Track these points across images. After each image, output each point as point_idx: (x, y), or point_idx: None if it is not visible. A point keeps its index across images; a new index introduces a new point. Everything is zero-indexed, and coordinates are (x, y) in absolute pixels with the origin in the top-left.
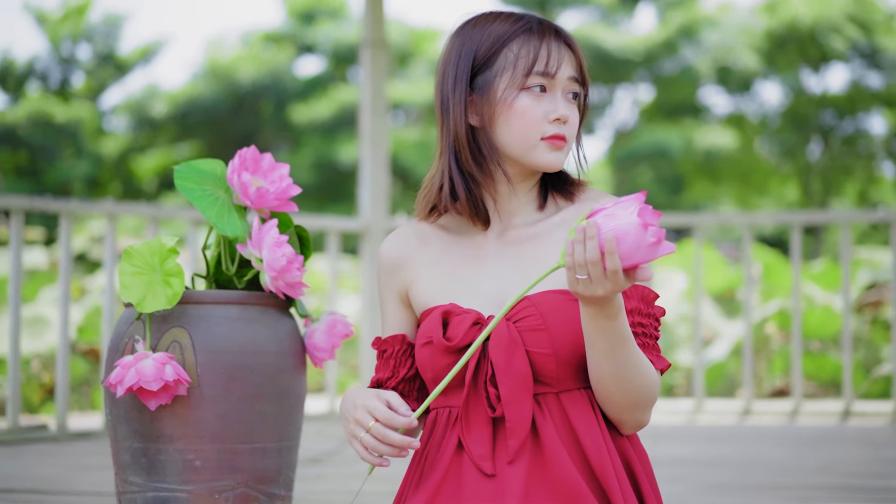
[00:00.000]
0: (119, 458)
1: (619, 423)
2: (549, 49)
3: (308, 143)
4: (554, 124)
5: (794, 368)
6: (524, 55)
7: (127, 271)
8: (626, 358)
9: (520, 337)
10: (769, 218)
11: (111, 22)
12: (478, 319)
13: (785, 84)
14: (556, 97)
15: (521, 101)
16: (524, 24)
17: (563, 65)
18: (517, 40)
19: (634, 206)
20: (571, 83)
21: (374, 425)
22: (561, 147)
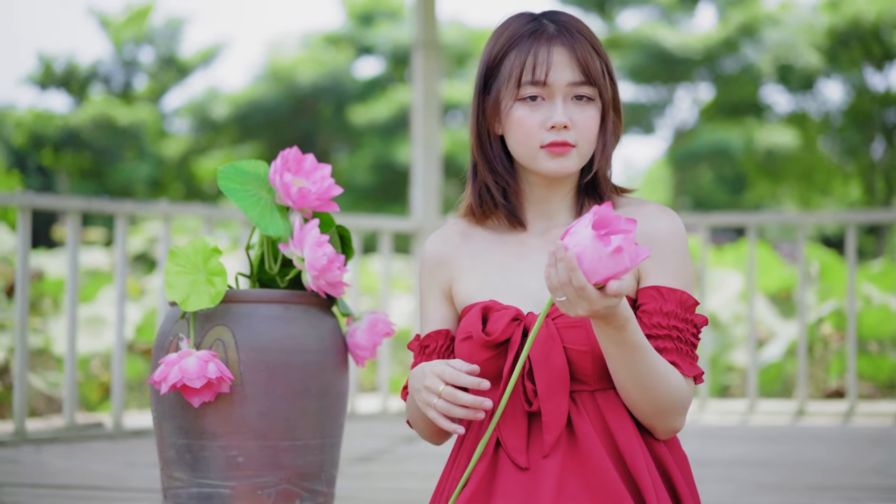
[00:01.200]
0: (164, 454)
1: (651, 429)
2: (537, 56)
3: (366, 144)
4: (551, 132)
5: (849, 369)
6: (517, 65)
7: (171, 270)
8: (644, 366)
9: (558, 333)
10: (823, 217)
11: (173, 25)
12: (517, 315)
13: (847, 82)
14: (554, 104)
15: (517, 111)
16: (531, 26)
17: (553, 70)
18: (515, 48)
19: (589, 219)
20: (573, 88)
21: (445, 388)
22: (562, 153)
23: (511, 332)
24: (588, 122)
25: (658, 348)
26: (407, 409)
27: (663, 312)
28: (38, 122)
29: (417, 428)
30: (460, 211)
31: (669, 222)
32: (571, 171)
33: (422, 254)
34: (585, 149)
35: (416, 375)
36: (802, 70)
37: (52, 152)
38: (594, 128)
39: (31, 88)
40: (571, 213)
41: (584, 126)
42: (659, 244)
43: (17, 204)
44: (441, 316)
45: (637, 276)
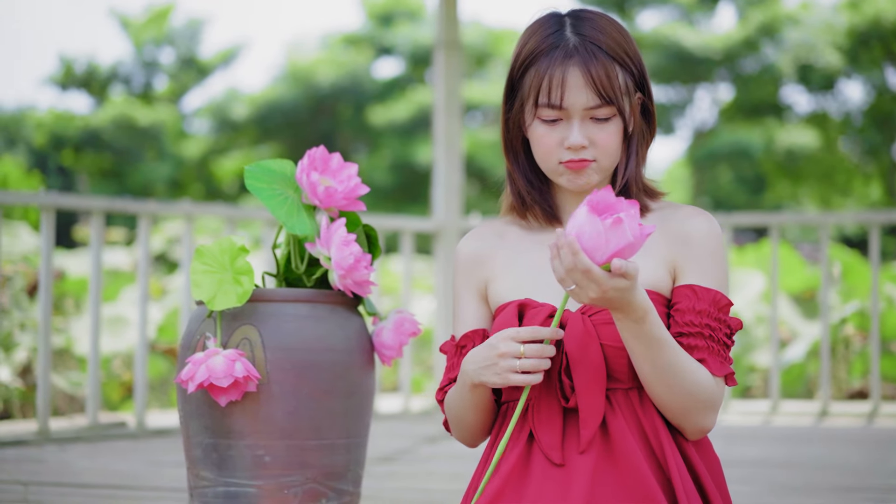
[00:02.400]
0: (191, 453)
1: (681, 429)
2: (551, 79)
3: (386, 145)
4: (569, 151)
5: (873, 370)
6: (535, 85)
7: (198, 270)
8: (666, 360)
9: (594, 329)
10: (846, 217)
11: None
12: (552, 313)
13: (868, 82)
14: (571, 125)
15: (537, 129)
16: (551, 41)
17: (568, 94)
18: (535, 65)
19: (586, 202)
20: (589, 111)
21: (526, 347)
22: (580, 169)
23: None
24: (608, 140)
25: (689, 346)
26: (448, 409)
27: (696, 311)
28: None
29: (460, 426)
30: (503, 209)
31: (705, 223)
32: (593, 185)
33: (456, 253)
34: (606, 163)
35: (481, 353)
36: (823, 70)
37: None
38: (614, 143)
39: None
40: None
41: (603, 144)
42: (694, 244)
43: (41, 204)
44: (477, 316)
45: (672, 276)
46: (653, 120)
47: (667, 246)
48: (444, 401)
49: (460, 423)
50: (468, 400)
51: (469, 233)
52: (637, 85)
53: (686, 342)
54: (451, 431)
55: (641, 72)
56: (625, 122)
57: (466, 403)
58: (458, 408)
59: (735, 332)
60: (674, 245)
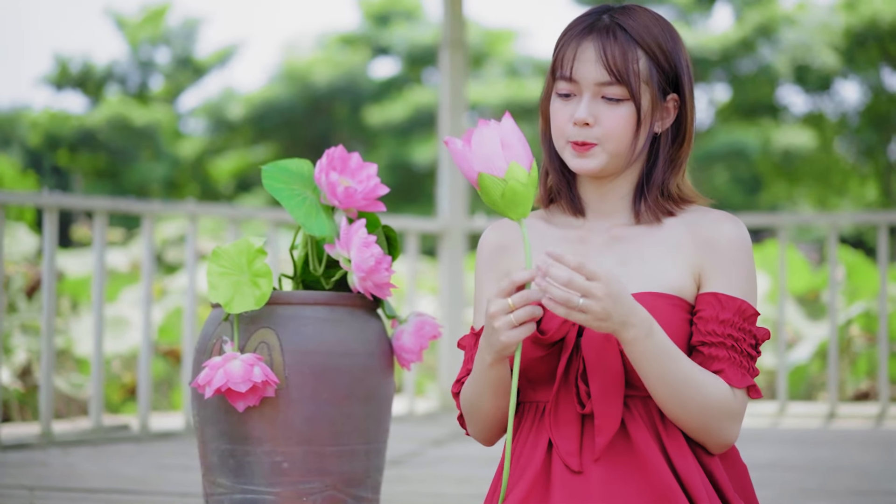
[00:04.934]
0: (207, 459)
1: (703, 444)
2: (566, 51)
3: (383, 145)
4: (574, 128)
5: (881, 372)
6: (556, 58)
7: (214, 272)
8: (678, 375)
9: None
10: (854, 218)
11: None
12: None
13: (864, 83)
14: (581, 101)
15: (553, 104)
16: (583, 22)
17: (578, 66)
18: (563, 42)
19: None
20: (601, 87)
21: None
22: (582, 152)
23: (566, 332)
24: (615, 121)
25: (710, 356)
26: (463, 399)
27: (719, 320)
28: (54, 123)
29: (476, 416)
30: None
31: (733, 229)
32: (595, 170)
33: (480, 243)
34: (612, 148)
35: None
36: (819, 71)
37: (68, 153)
38: (622, 127)
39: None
40: (629, 216)
41: (610, 125)
42: (721, 251)
43: (44, 204)
44: None
45: (697, 282)
46: (686, 125)
47: (692, 251)
48: (461, 393)
49: (477, 413)
50: (485, 383)
51: (493, 223)
52: (670, 84)
53: (707, 352)
54: (465, 427)
55: (677, 72)
56: (638, 110)
57: (483, 388)
58: (474, 394)
59: (762, 342)
60: (700, 250)
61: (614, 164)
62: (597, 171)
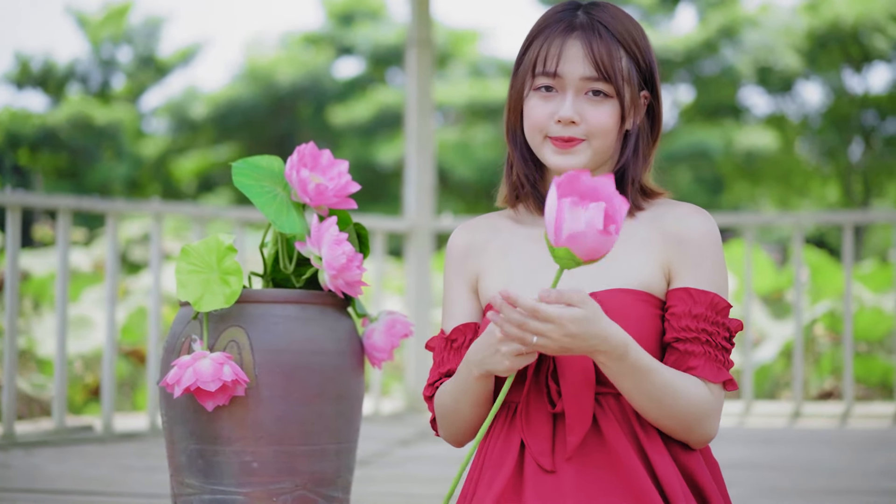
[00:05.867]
0: (175, 459)
1: (685, 442)
2: (550, 46)
3: (347, 145)
4: (558, 125)
5: (846, 371)
6: (534, 54)
7: (184, 269)
8: (656, 387)
9: None
10: (819, 217)
11: (151, 24)
12: None
13: (826, 84)
14: (564, 97)
15: (531, 100)
16: (560, 16)
17: (564, 62)
18: (540, 37)
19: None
20: (586, 83)
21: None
22: (566, 149)
23: None
24: (601, 118)
25: (685, 351)
26: (440, 405)
27: (692, 315)
28: (15, 122)
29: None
30: (498, 200)
31: (702, 222)
32: (578, 167)
33: (449, 245)
34: (598, 145)
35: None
36: (781, 72)
37: (29, 152)
38: (607, 125)
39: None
40: None
41: (595, 122)
42: (691, 245)
43: (6, 202)
44: (468, 309)
45: (667, 277)
46: (657, 122)
47: (661, 246)
48: (435, 397)
49: (455, 419)
50: (470, 393)
51: (462, 224)
52: (644, 81)
53: (682, 348)
54: (437, 430)
55: (651, 69)
56: (623, 108)
57: (467, 397)
58: (456, 402)
59: (735, 333)
60: (668, 245)
61: (594, 162)
62: (577, 168)
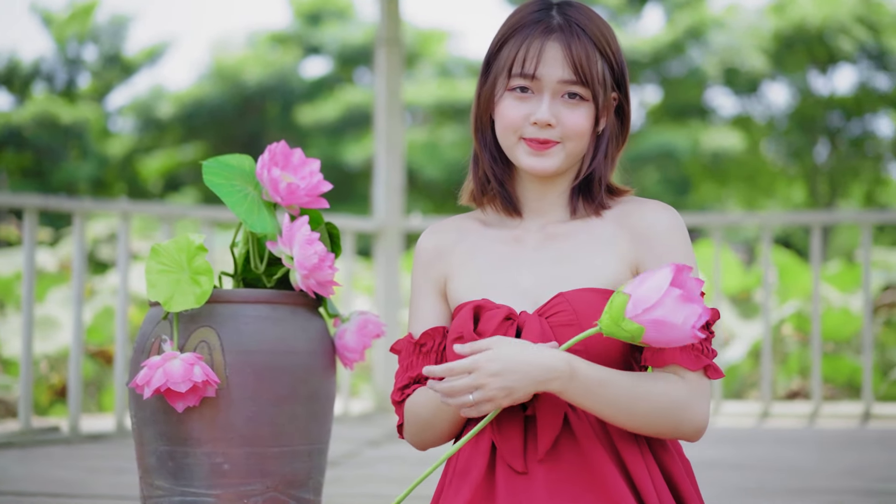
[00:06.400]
0: (144, 461)
1: (677, 439)
2: (529, 48)
3: (314, 145)
4: (534, 127)
5: (814, 371)
6: (511, 55)
7: (153, 269)
8: (619, 395)
9: (552, 332)
10: (789, 218)
11: (117, 23)
12: (510, 315)
13: (792, 85)
14: (541, 99)
15: (505, 101)
16: (535, 16)
17: (543, 65)
18: (514, 37)
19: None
20: (563, 85)
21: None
22: (540, 151)
23: (503, 332)
24: (577, 121)
25: (659, 347)
26: (412, 413)
27: None
28: None
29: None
30: (462, 198)
31: (666, 217)
32: (551, 170)
33: (417, 248)
34: (573, 148)
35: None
36: (748, 73)
37: None
38: (583, 127)
39: None
40: (566, 211)
41: (571, 125)
42: (657, 240)
43: None
44: (436, 313)
45: (635, 274)
46: (626, 123)
47: (627, 243)
48: (406, 403)
49: (428, 429)
50: (450, 412)
51: (429, 227)
52: (615, 83)
53: None
54: (404, 435)
55: (622, 71)
56: (597, 110)
57: (446, 415)
58: (433, 416)
59: (712, 322)
60: (635, 243)
61: (566, 164)
62: (552, 171)
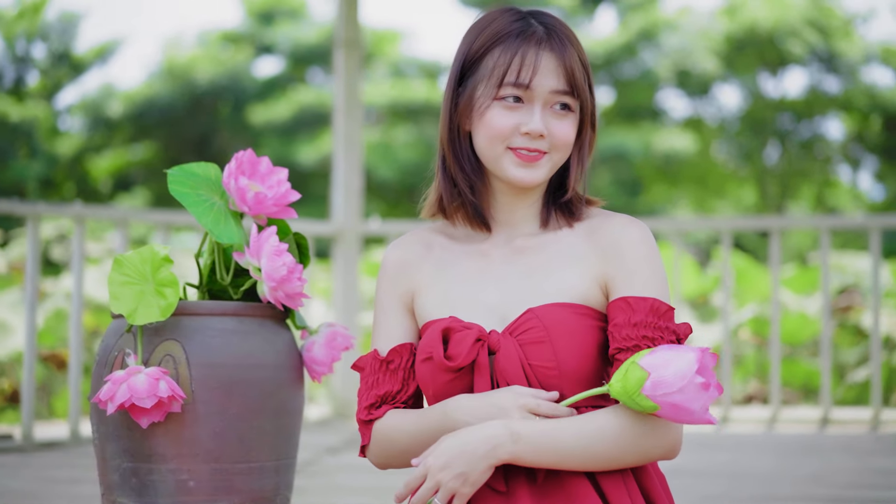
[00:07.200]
0: (107, 477)
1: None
2: (524, 58)
3: (266, 145)
4: (524, 137)
5: (773, 376)
6: (500, 63)
7: (117, 281)
8: (576, 440)
9: (520, 350)
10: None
11: (67, 20)
12: (480, 336)
13: (743, 88)
14: (533, 110)
15: (493, 111)
16: (518, 26)
17: (539, 75)
18: (501, 45)
19: (695, 357)
20: (555, 96)
21: None
22: (531, 162)
23: (475, 354)
24: (565, 133)
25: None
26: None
27: (632, 324)
28: None
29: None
30: (424, 210)
31: (637, 232)
32: (538, 181)
33: (383, 260)
34: (559, 159)
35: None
36: (699, 75)
37: None
38: (571, 138)
39: None
40: (536, 223)
41: (560, 136)
42: (625, 255)
43: None
44: (403, 328)
45: (604, 289)
46: (595, 132)
47: (595, 258)
48: (379, 427)
49: (405, 455)
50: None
51: (395, 241)
52: (590, 92)
53: (625, 357)
54: (369, 456)
55: (592, 83)
56: (582, 121)
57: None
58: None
59: (684, 337)
60: (603, 258)
61: (551, 175)
62: (538, 183)
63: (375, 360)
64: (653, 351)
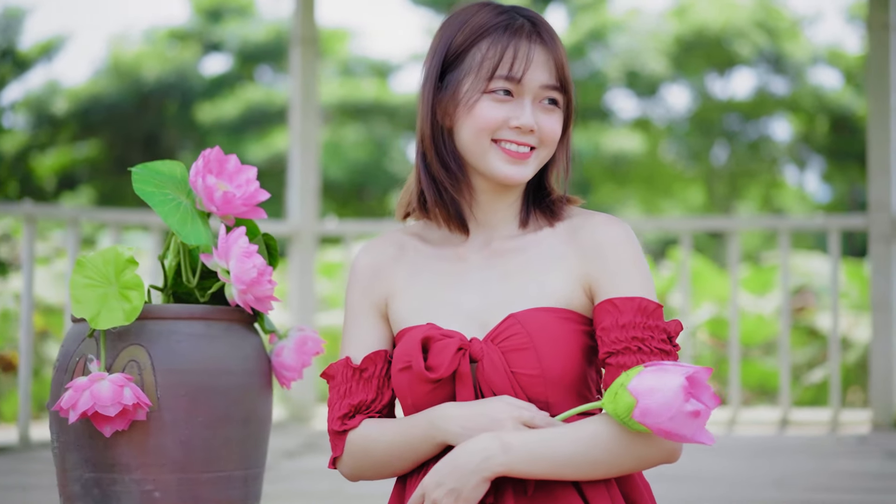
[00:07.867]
0: (67, 489)
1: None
2: (516, 51)
3: (214, 143)
4: (514, 131)
5: (732, 377)
6: (490, 56)
7: (79, 284)
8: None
9: (502, 358)
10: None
11: (11, 16)
12: (461, 345)
13: (692, 88)
14: (523, 104)
15: (482, 104)
16: (503, 19)
17: (531, 69)
18: (488, 38)
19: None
20: (545, 90)
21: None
22: (520, 159)
23: (455, 365)
24: (553, 128)
25: (618, 365)
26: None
27: (620, 325)
28: None
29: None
30: (398, 211)
31: (617, 231)
32: (526, 178)
33: (354, 266)
34: (544, 155)
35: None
36: (648, 76)
37: None
38: (557, 134)
39: None
40: (515, 223)
41: (548, 131)
42: (608, 256)
43: None
44: (376, 335)
45: (588, 292)
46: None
47: (577, 260)
48: (353, 437)
49: (382, 467)
50: (419, 452)
51: (366, 244)
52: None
53: (615, 361)
54: (340, 468)
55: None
56: (567, 116)
57: (413, 455)
58: (390, 453)
59: (675, 335)
60: (585, 259)
61: (535, 172)
62: (525, 180)
63: (348, 368)
64: (640, 373)
